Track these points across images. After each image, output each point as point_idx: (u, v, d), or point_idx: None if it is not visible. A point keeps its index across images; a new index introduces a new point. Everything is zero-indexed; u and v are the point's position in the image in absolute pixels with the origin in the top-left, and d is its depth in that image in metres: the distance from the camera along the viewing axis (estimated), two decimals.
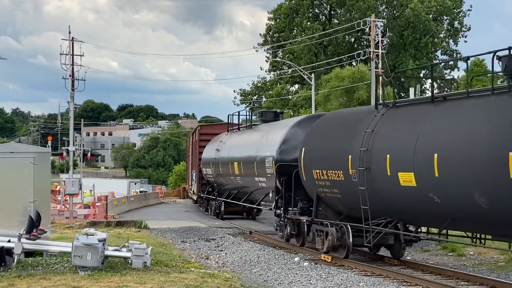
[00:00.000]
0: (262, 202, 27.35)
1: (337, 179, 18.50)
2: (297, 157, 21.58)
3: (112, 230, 25.69)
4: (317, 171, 19.63)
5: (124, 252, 15.62)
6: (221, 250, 22.90)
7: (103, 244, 15.21)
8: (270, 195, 24.72)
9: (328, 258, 19.35)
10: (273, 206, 23.95)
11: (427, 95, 17.15)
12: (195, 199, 45.50)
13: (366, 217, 17.18)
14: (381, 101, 18.47)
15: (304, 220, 21.21)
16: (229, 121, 35.02)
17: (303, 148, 20.82)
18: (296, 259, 19.76)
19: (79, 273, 14.68)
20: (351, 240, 18.54)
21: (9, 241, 15.53)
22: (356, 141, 17.52)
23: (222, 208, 34.03)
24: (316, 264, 18.79)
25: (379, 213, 17.07)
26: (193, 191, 43.05)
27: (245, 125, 32.98)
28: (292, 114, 53.67)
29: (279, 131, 25.07)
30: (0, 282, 13.53)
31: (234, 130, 33.59)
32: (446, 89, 65.78)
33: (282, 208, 22.81)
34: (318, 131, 20.80)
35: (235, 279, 15.65)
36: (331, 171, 18.81)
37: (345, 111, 24.65)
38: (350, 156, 17.68)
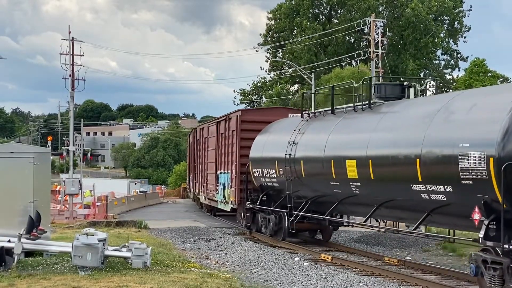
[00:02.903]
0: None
1: None
2: None
3: (112, 230, 25.68)
4: None
5: (124, 252, 15.62)
6: (221, 250, 22.90)
7: (103, 244, 15.21)
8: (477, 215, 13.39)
9: (328, 258, 19.35)
10: (481, 233, 13.07)
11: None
12: (203, 202, 37.44)
13: None
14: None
15: None
16: (303, 104, 24.61)
17: None
18: (296, 259, 19.75)
19: (79, 273, 14.68)
20: None
21: (9, 241, 15.53)
22: None
23: (287, 224, 22.75)
24: (316, 264, 18.79)
25: None
26: (217, 198, 30.91)
27: (350, 106, 20.49)
28: None
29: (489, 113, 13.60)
30: (0, 282, 13.53)
31: (322, 114, 22.07)
32: (445, 89, 65.89)
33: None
34: None
35: (235, 279, 15.65)
36: None
37: None
38: None
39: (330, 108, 21.63)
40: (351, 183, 18.10)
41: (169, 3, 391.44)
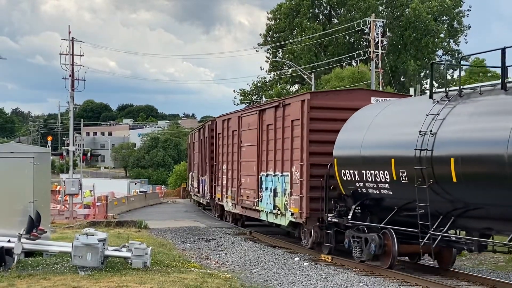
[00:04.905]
0: None
1: None
2: None
3: (112, 230, 25.67)
4: None
5: (124, 252, 15.62)
6: (221, 250, 22.89)
7: (103, 244, 15.21)
8: None
9: (328, 258, 19.33)
10: None
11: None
12: (229, 211, 30.01)
13: None
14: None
15: None
16: (432, 78, 19.80)
17: None
18: (296, 259, 19.74)
19: (79, 273, 14.68)
20: None
21: (9, 241, 15.53)
22: None
23: (396, 247, 16.78)
24: (316, 264, 18.78)
25: None
26: (261, 207, 24.34)
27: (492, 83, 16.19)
28: None
29: None
30: (0, 282, 13.53)
31: (478, 92, 15.23)
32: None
33: None
34: None
35: (235, 279, 15.65)
36: None
37: None
38: None
39: (496, 82, 15.62)
40: None
41: (168, 3, 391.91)
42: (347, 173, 18.24)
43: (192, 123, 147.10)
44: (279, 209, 22.24)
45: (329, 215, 19.17)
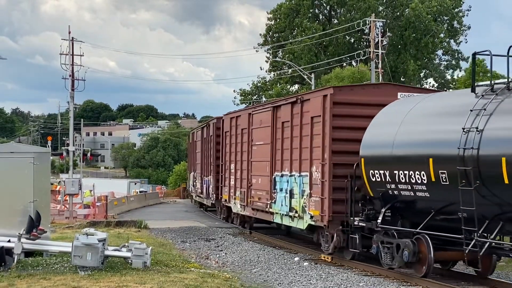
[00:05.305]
0: None
1: None
2: None
3: (112, 230, 25.68)
4: None
5: (124, 252, 15.63)
6: (221, 250, 22.89)
7: (103, 244, 15.21)
8: None
9: (328, 258, 19.33)
10: None
11: None
12: (238, 213, 28.18)
13: None
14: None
15: None
16: (474, 72, 14.24)
17: None
18: (296, 259, 19.75)
19: (79, 273, 14.68)
20: None
21: (9, 241, 15.54)
22: None
23: (432, 254, 15.43)
24: (316, 264, 18.78)
25: None
26: (275, 208, 22.91)
27: None
28: None
29: None
30: (0, 282, 13.53)
31: None
32: (444, 90, 65.86)
33: None
34: None
35: (235, 279, 15.65)
36: None
37: None
38: None
39: None
40: None
41: (167, 2, 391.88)
42: (376, 173, 16.76)
43: (192, 123, 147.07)
44: (296, 212, 20.86)
45: (355, 218, 17.73)
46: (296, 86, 74.76)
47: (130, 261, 15.44)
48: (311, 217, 19.73)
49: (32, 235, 15.67)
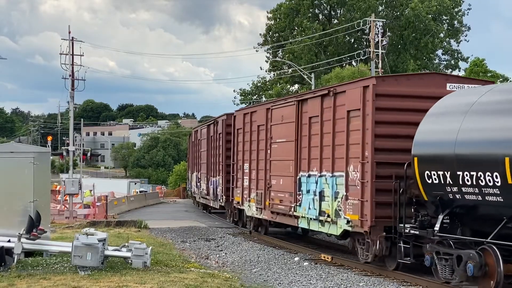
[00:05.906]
0: None
1: None
2: None
3: (112, 230, 25.68)
4: None
5: (124, 252, 15.63)
6: (221, 250, 22.89)
7: (103, 244, 15.22)
8: None
9: (328, 258, 19.34)
10: None
11: None
12: (253, 216, 25.83)
13: None
14: None
15: None
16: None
17: None
18: (296, 259, 19.75)
19: (79, 273, 14.68)
20: None
21: (9, 241, 15.55)
22: None
23: (501, 268, 13.45)
24: (316, 264, 18.78)
25: None
26: (300, 212, 20.79)
27: None
28: None
29: None
30: (0, 282, 13.53)
31: None
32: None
33: None
34: None
35: (235, 279, 15.65)
36: None
37: None
38: None
39: None
40: None
41: (167, 2, 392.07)
42: (434, 175, 14.62)
43: (192, 123, 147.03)
44: (328, 216, 18.67)
45: (406, 225, 15.57)
46: (296, 86, 74.79)
47: (130, 261, 15.44)
48: (348, 222, 17.63)
49: (32, 235, 15.67)
